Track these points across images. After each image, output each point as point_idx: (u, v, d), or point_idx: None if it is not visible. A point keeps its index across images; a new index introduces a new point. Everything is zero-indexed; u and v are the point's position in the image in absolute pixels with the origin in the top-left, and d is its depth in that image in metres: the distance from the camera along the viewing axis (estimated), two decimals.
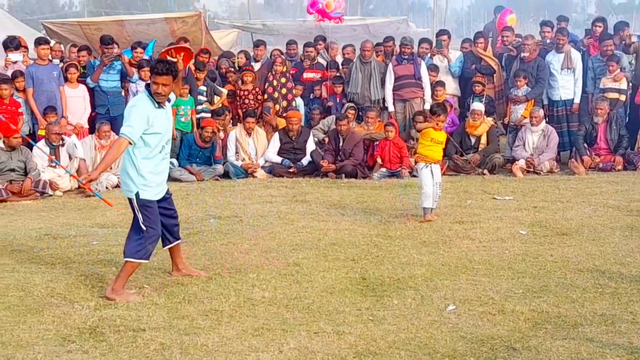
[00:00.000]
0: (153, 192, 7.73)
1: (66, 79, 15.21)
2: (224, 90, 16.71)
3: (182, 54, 9.88)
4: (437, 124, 10.91)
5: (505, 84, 16.51)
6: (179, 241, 8.31)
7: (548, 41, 16.60)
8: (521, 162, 14.98)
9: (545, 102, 16.03)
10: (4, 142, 13.67)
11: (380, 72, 16.23)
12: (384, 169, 15.05)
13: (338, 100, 16.67)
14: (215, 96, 16.49)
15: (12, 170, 13.67)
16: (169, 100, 7.85)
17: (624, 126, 15.33)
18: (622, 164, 14.98)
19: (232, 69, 17.58)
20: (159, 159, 7.75)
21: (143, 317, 6.94)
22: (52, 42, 16.44)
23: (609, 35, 16.23)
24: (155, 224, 7.75)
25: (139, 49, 16.26)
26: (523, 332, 6.44)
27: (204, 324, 6.78)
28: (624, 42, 16.04)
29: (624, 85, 15.63)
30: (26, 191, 13.41)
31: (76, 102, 15.23)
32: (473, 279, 8.00)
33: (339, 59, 17.93)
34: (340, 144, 15.26)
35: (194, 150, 15.47)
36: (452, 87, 16.70)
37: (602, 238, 9.64)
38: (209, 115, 16.05)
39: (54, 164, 13.93)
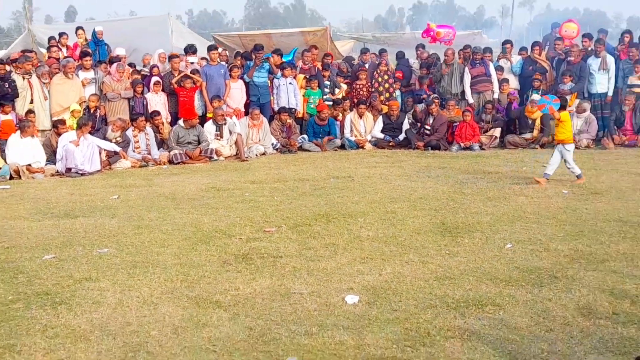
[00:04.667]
0: None
1: (230, 76, 15.35)
2: (344, 86, 16.70)
3: None
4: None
5: (555, 81, 16.04)
6: None
7: (589, 49, 16.01)
8: None
9: (586, 95, 15.56)
10: (184, 121, 14.00)
11: (460, 71, 15.95)
12: (460, 143, 14.86)
13: (425, 92, 16.43)
14: (336, 89, 16.50)
15: (189, 142, 13.97)
16: None
17: None
18: None
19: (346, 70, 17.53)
20: None
21: (280, 248, 7.03)
22: (220, 49, 16.62)
23: (635, 44, 15.78)
24: None
25: (274, 56, 16.18)
26: (562, 265, 6.30)
27: (325, 253, 6.83)
28: None
29: None
30: (195, 157, 13.79)
31: (236, 93, 15.32)
32: (526, 225, 7.84)
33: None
34: (430, 121, 15.13)
35: (316, 129, 15.55)
36: (514, 83, 16.27)
37: (626, 196, 9.33)
38: (331, 103, 16.03)
39: (217, 138, 14.24)
